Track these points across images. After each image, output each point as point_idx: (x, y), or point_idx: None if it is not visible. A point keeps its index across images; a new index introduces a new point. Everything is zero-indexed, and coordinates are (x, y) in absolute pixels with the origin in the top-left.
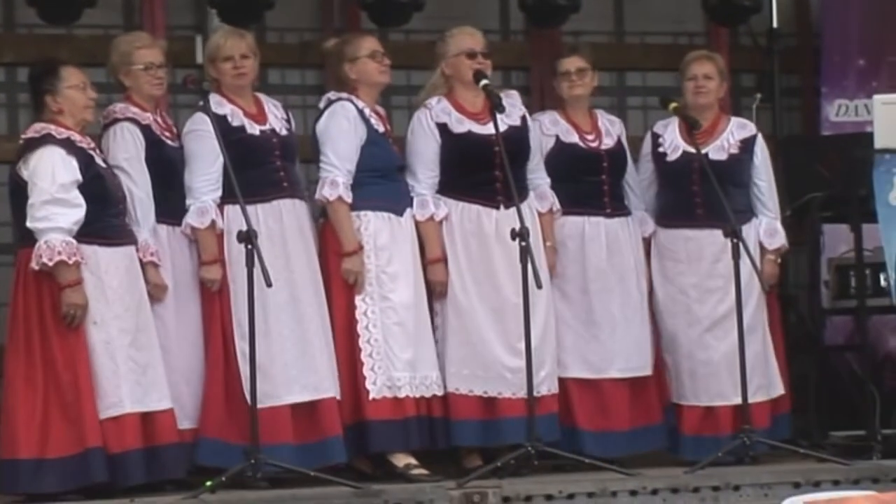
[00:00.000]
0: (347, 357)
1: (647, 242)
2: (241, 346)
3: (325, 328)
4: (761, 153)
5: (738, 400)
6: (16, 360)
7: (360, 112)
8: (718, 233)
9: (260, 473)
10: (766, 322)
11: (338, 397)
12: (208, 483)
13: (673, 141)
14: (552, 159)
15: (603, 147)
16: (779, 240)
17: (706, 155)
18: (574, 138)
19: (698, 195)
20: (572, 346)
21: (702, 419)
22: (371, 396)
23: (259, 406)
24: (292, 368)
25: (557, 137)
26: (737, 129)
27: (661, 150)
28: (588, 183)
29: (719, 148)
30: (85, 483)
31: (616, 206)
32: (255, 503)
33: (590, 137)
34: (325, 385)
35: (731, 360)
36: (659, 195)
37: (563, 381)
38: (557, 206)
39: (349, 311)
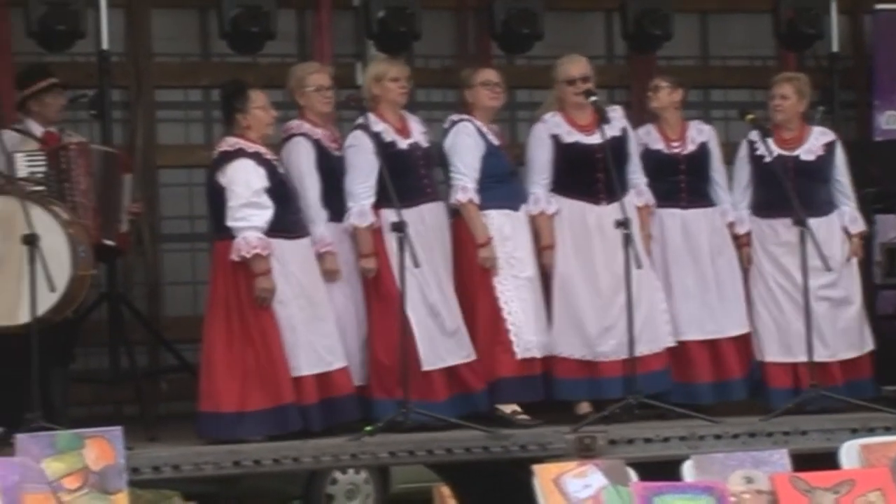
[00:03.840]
0: (490, 328)
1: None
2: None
3: (451, 309)
4: (841, 154)
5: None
6: (217, 333)
7: (478, 129)
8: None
9: (409, 421)
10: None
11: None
12: (368, 428)
13: (769, 146)
14: (641, 162)
15: (683, 152)
16: (860, 224)
17: (797, 157)
18: (659, 145)
19: (791, 190)
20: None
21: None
22: (513, 358)
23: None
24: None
25: (646, 145)
26: (820, 136)
27: (758, 153)
28: (668, 181)
29: (808, 151)
30: (284, 431)
31: (693, 199)
32: (405, 443)
33: (675, 144)
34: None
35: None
36: (756, 191)
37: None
38: (652, 201)
39: (489, 291)
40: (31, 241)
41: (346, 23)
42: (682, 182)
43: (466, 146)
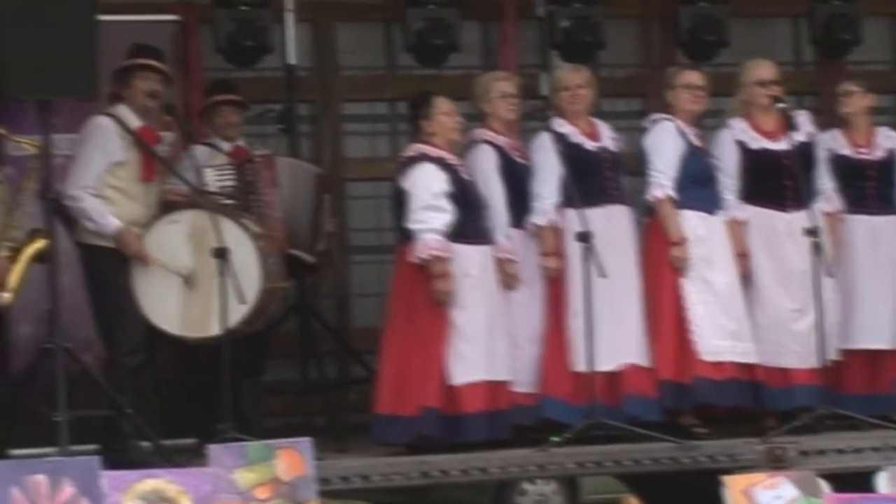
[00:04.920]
0: (675, 328)
1: None
2: (574, 323)
3: (634, 308)
4: None
5: None
6: (391, 334)
7: (679, 129)
8: None
9: (600, 431)
10: None
11: (643, 364)
12: (555, 439)
13: None
14: (827, 168)
15: (871, 158)
16: None
17: None
18: (846, 151)
19: None
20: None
21: None
22: (698, 359)
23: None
24: (605, 341)
25: (833, 151)
26: None
27: None
28: (854, 187)
29: None
30: (418, 437)
31: (880, 207)
32: (593, 455)
33: (862, 150)
34: (631, 354)
35: None
36: None
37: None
38: (840, 207)
39: (676, 292)
40: (221, 254)
41: (530, 33)
42: (869, 188)
43: (665, 144)
